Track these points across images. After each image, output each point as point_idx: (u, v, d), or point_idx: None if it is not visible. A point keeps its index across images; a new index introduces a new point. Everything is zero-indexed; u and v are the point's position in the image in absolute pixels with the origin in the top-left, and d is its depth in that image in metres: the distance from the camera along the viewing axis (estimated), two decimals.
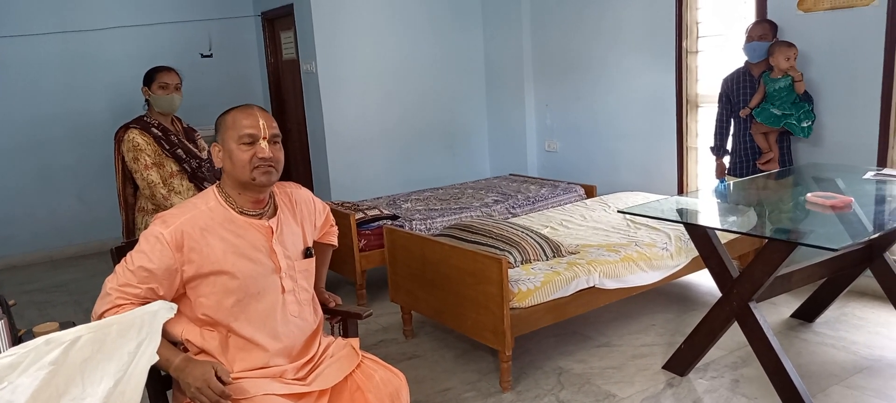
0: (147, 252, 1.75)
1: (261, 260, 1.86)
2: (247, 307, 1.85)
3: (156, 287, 1.76)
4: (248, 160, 1.82)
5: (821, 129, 3.82)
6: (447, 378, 3.12)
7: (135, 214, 3.30)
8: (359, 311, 2.19)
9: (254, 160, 1.82)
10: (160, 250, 1.74)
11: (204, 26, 6.13)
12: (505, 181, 5.32)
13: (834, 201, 2.64)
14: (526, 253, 3.20)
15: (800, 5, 3.81)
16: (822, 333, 3.31)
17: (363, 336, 3.55)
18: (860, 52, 3.61)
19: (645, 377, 3.00)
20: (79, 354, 1.02)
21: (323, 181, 5.55)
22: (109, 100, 5.68)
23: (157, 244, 1.75)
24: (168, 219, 1.79)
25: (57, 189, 5.74)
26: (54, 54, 5.57)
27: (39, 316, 4.31)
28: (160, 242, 1.75)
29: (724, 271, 2.77)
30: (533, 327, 2.97)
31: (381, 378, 1.95)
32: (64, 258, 5.79)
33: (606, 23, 4.98)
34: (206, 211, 1.83)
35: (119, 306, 1.74)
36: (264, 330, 1.87)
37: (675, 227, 3.55)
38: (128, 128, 3.19)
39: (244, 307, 1.84)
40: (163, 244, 1.75)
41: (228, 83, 6.24)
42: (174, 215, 1.81)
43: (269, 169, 1.84)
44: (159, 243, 1.75)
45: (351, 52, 5.36)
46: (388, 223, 4.07)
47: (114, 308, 1.74)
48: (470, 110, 6.09)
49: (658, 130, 4.75)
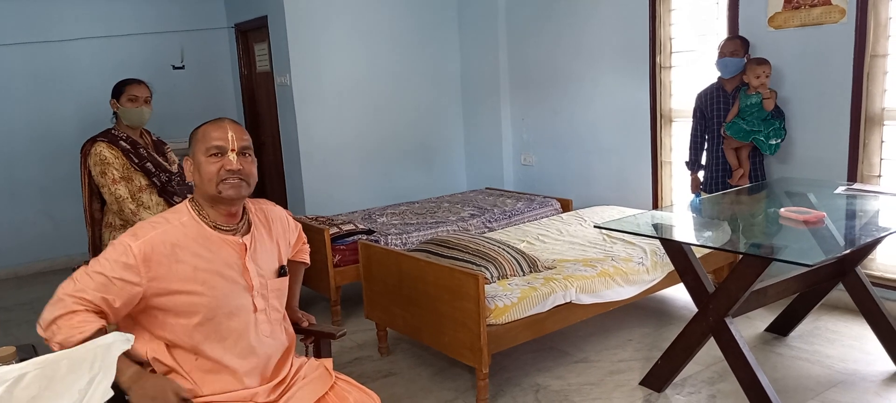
0: (111, 261, 1.68)
1: (233, 278, 1.81)
2: (218, 326, 1.79)
3: (111, 298, 1.67)
4: (216, 172, 1.77)
5: (792, 144, 3.87)
6: (424, 397, 3.07)
7: (102, 230, 3.21)
8: (332, 331, 2.15)
9: (221, 173, 1.77)
10: (125, 262, 1.68)
11: (176, 38, 6.04)
12: (481, 195, 5.31)
13: (807, 216, 2.66)
14: (502, 269, 3.17)
15: (771, 22, 3.86)
16: (797, 347, 3.33)
17: (338, 353, 3.48)
18: (830, 68, 3.67)
19: (622, 393, 2.98)
20: (25, 392, 0.95)
21: (297, 195, 5.48)
22: (77, 113, 5.55)
23: (122, 256, 1.68)
24: (139, 232, 1.73)
25: (22, 203, 5.58)
26: (21, 65, 5.43)
27: (2, 335, 4.17)
28: (126, 254, 1.68)
29: (700, 286, 2.78)
30: (510, 343, 2.94)
31: (355, 399, 1.91)
32: (29, 274, 5.62)
33: (582, 38, 5.01)
34: (178, 226, 1.78)
35: (73, 312, 1.64)
36: (235, 351, 1.82)
37: (650, 242, 3.56)
38: (95, 141, 3.11)
39: (216, 326, 1.78)
40: (129, 255, 1.68)
41: (201, 95, 6.15)
42: (145, 228, 1.75)
43: (237, 182, 1.79)
44: (126, 255, 1.68)
45: (326, 65, 5.32)
46: (363, 238, 4.01)
47: (68, 313, 1.63)
48: (446, 123, 6.08)
49: (633, 144, 4.78)
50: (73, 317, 1.64)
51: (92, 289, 1.66)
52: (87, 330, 1.62)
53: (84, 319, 1.64)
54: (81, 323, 1.63)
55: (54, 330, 1.64)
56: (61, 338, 1.62)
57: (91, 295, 1.66)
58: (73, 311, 1.64)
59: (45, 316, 1.66)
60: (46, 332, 1.66)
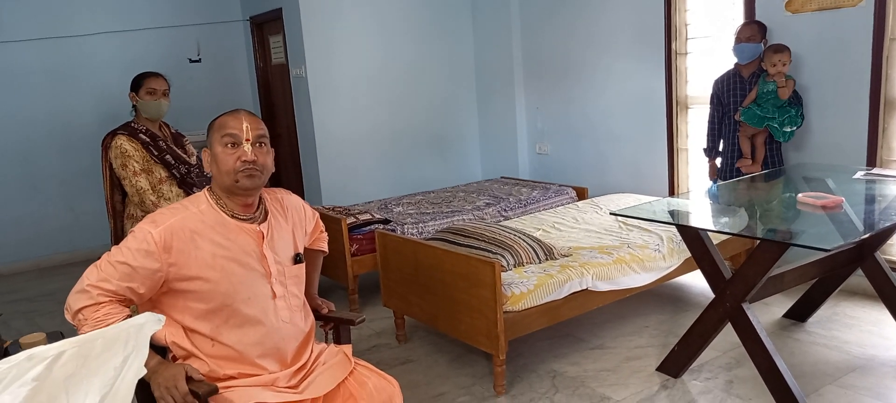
0: (132, 249, 1.73)
1: (251, 265, 1.85)
2: (236, 312, 1.83)
3: (136, 286, 1.73)
4: (232, 163, 1.81)
5: (810, 130, 3.84)
6: (441, 383, 3.10)
7: (123, 221, 3.26)
8: (351, 317, 2.17)
9: (237, 164, 1.81)
10: (145, 249, 1.72)
11: (192, 31, 6.09)
12: (496, 184, 5.31)
13: (825, 201, 2.65)
14: (518, 256, 3.19)
15: (787, 6, 3.82)
16: (815, 333, 3.32)
17: (356, 341, 3.52)
18: (848, 52, 3.62)
19: (639, 379, 2.99)
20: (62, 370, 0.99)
21: (314, 186, 5.52)
22: (96, 107, 5.63)
23: (143, 243, 1.73)
24: (158, 219, 1.78)
25: (44, 196, 5.68)
26: (41, 61, 5.51)
27: (27, 325, 4.26)
28: (147, 241, 1.73)
29: (716, 272, 2.77)
30: (526, 330, 2.96)
31: (375, 385, 1.94)
32: (51, 266, 5.72)
33: (596, 26, 4.98)
34: (197, 214, 1.82)
35: (99, 304, 1.71)
36: (253, 336, 1.85)
37: (667, 229, 3.55)
38: (115, 134, 3.16)
39: (233, 312, 1.82)
40: (150, 242, 1.72)
41: (217, 88, 6.20)
42: (165, 215, 1.79)
43: (253, 172, 1.82)
44: (146, 242, 1.73)
45: (340, 57, 5.34)
46: (380, 227, 4.04)
47: (93, 305, 1.70)
48: (461, 114, 6.08)
49: (649, 132, 4.76)
50: (98, 309, 1.70)
51: (116, 279, 1.71)
52: (113, 322, 1.66)
53: (108, 312, 1.71)
54: (107, 315, 1.70)
55: (81, 320, 1.71)
56: (88, 329, 1.68)
57: (115, 285, 1.71)
58: (98, 303, 1.71)
59: (72, 304, 1.72)
60: (74, 320, 1.72)
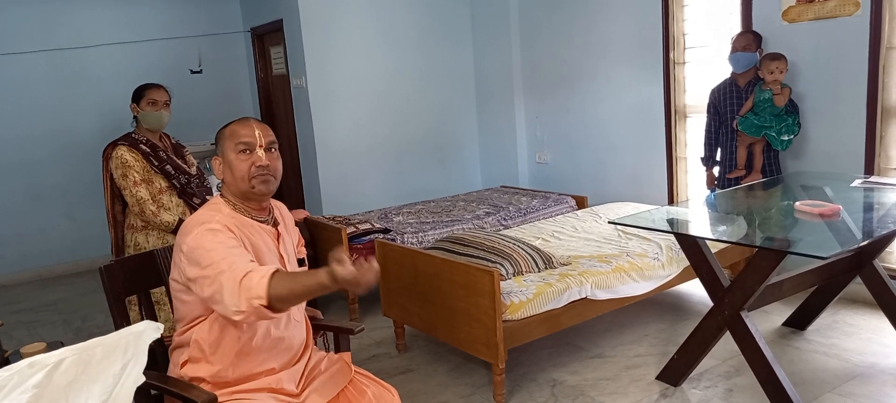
0: (217, 243, 1.72)
1: (274, 262, 1.90)
2: None
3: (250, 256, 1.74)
4: (247, 169, 1.85)
5: (807, 139, 3.86)
6: (441, 392, 3.10)
7: (124, 232, 3.28)
8: (351, 326, 2.19)
9: (252, 169, 1.85)
10: (222, 234, 1.74)
11: (193, 42, 6.13)
12: (496, 193, 5.33)
13: (822, 209, 2.66)
14: (518, 265, 3.20)
15: (784, 16, 3.85)
16: (814, 341, 3.32)
17: (356, 350, 3.53)
18: (845, 61, 3.65)
19: (639, 388, 3.00)
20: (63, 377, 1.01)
21: (314, 195, 5.54)
22: (98, 118, 5.66)
23: (215, 235, 1.74)
24: (203, 219, 1.80)
25: (46, 207, 5.70)
26: (43, 72, 5.54)
27: (28, 335, 4.27)
28: (216, 231, 1.75)
29: (715, 280, 2.78)
30: (526, 339, 2.96)
31: (374, 393, 1.96)
32: (53, 276, 5.73)
33: (595, 36, 5.01)
34: (228, 214, 1.86)
35: (248, 272, 1.63)
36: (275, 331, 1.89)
37: (665, 237, 3.56)
38: (116, 144, 3.18)
39: None
40: (219, 230, 1.75)
41: (218, 99, 6.23)
42: (205, 215, 1.82)
43: (267, 177, 1.87)
44: (216, 233, 1.74)
45: (341, 67, 5.37)
46: (380, 236, 4.06)
47: (246, 275, 1.63)
48: (460, 123, 6.11)
49: (647, 141, 4.78)
50: (252, 274, 1.63)
51: (240, 259, 1.68)
52: (267, 271, 1.63)
53: (257, 268, 1.66)
54: (260, 268, 1.65)
55: (247, 286, 1.62)
56: (275, 282, 1.61)
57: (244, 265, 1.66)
58: (248, 272, 1.64)
59: (233, 301, 1.63)
60: (246, 304, 1.62)
